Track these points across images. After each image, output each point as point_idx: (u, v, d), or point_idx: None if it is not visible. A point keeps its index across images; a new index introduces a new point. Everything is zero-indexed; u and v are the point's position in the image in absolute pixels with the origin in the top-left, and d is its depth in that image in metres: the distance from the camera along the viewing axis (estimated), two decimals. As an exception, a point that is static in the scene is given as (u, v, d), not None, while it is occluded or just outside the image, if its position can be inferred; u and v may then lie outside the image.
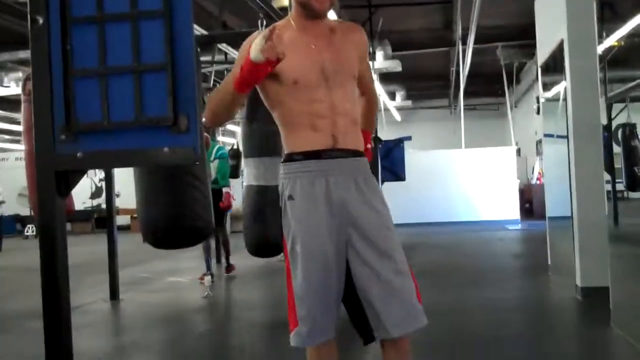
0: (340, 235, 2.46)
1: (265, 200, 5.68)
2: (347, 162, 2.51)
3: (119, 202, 9.99)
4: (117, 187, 7.78)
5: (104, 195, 8.42)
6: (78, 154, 2.37)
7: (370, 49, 12.88)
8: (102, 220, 15.82)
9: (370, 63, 13.07)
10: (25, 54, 6.44)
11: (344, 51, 2.58)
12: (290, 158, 2.53)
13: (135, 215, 14.30)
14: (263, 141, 5.69)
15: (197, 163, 2.73)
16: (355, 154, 2.55)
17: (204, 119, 2.53)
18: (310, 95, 2.47)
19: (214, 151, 8.69)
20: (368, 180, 2.56)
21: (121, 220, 15.10)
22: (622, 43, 4.96)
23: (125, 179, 8.63)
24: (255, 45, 2.21)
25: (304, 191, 2.48)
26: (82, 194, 18.48)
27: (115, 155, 2.40)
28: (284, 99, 2.51)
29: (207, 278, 7.53)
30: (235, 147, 14.53)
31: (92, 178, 19.10)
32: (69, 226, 17.01)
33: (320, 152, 2.48)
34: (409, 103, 21.41)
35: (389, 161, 13.01)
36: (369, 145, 2.78)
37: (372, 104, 2.92)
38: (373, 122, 3.04)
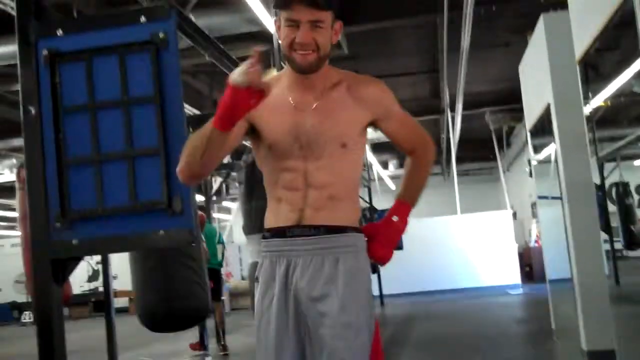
0: (299, 327, 2.17)
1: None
2: (313, 241, 2.17)
3: (116, 284, 9.90)
4: (114, 269, 7.71)
5: (101, 278, 8.35)
6: (74, 241, 2.37)
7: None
8: (100, 303, 15.65)
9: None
10: (18, 142, 6.46)
11: (337, 113, 2.22)
12: (263, 235, 2.28)
13: (133, 298, 14.20)
14: (264, 217, 5.69)
15: (193, 244, 2.73)
16: (329, 230, 2.18)
17: (178, 174, 2.14)
18: (282, 164, 2.20)
19: (217, 235, 8.83)
20: (344, 261, 2.18)
21: (119, 302, 14.93)
22: (609, 103, 5.02)
23: (122, 261, 8.56)
24: (237, 69, 1.92)
25: (265, 274, 2.23)
26: (79, 277, 18.30)
27: (111, 241, 2.39)
28: (262, 162, 2.28)
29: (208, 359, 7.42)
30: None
31: (89, 261, 18.99)
32: (66, 311, 16.82)
33: (285, 229, 2.19)
34: (402, 171, 21.46)
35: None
36: (394, 217, 2.37)
37: (417, 166, 2.46)
38: (416, 191, 2.48)
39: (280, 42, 2.19)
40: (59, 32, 2.39)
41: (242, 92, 1.90)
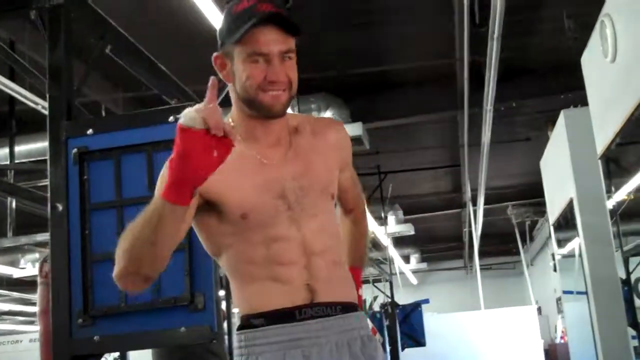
0: None
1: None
2: (334, 323, 1.71)
3: (134, 381, 9.74)
4: (133, 365, 7.63)
5: (119, 374, 8.23)
6: (95, 338, 2.36)
7: (382, 213, 13.04)
8: (117, 400, 15.35)
9: (383, 228, 13.21)
10: (42, 236, 6.51)
11: (314, 160, 1.80)
12: (248, 323, 1.70)
13: (151, 394, 13.93)
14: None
15: (215, 340, 2.71)
16: (347, 308, 1.75)
17: (117, 280, 1.69)
18: (268, 233, 1.70)
19: None
20: (367, 344, 1.77)
21: (136, 399, 14.66)
22: (632, 197, 5.01)
23: (141, 357, 8.48)
24: (187, 109, 1.45)
25: None
26: (97, 374, 18.08)
27: (132, 338, 2.39)
28: (229, 241, 1.73)
29: None
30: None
31: (107, 357, 18.78)
32: (83, 408, 16.52)
33: (293, 311, 1.68)
34: (424, 265, 21.33)
35: (408, 326, 12.76)
36: (360, 291, 2.02)
37: (359, 225, 2.10)
38: (363, 253, 2.13)
39: (228, 79, 1.77)
40: (89, 131, 2.45)
41: (198, 139, 1.40)
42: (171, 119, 2.39)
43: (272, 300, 1.68)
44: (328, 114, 8.23)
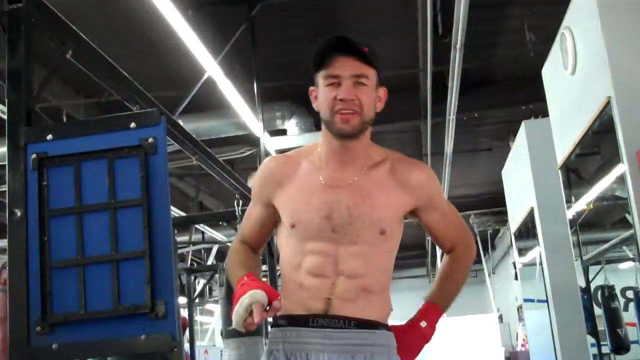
0: None
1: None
2: (343, 335, 1.88)
3: (94, 391, 9.59)
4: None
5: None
6: (53, 346, 2.32)
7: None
8: (76, 410, 15.13)
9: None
10: (2, 243, 6.42)
11: (377, 194, 1.97)
12: (275, 322, 1.98)
13: (111, 404, 13.72)
14: (243, 321, 5.61)
15: (175, 349, 2.68)
16: (361, 324, 1.90)
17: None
18: (307, 245, 1.94)
19: None
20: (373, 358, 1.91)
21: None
22: (592, 207, 5.08)
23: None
24: (237, 313, 1.75)
25: None
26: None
27: (92, 346, 2.35)
28: (282, 242, 2.04)
29: None
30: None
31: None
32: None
33: (307, 318, 1.90)
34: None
35: (371, 334, 12.79)
36: (422, 323, 2.07)
37: (455, 265, 2.19)
38: (450, 294, 2.21)
39: (318, 107, 2.01)
40: (49, 137, 2.42)
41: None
42: (133, 125, 2.37)
43: (294, 305, 1.92)
44: (292, 122, 8.23)
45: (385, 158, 2.04)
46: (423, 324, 2.07)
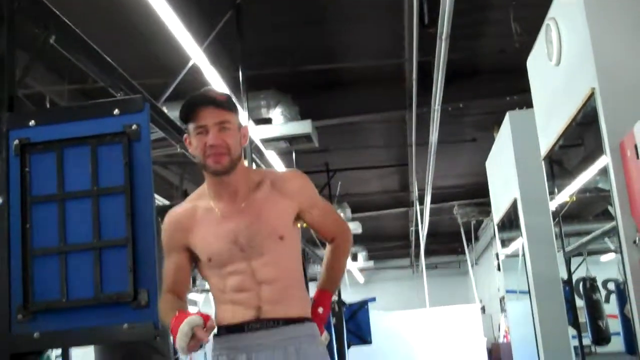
0: None
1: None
2: (274, 333, 2.24)
3: (76, 379, 9.57)
4: (75, 362, 7.50)
5: (60, 372, 8.08)
6: (35, 334, 2.31)
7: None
8: (58, 398, 15.08)
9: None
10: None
11: (266, 210, 2.32)
12: (218, 333, 2.29)
13: (93, 392, 13.68)
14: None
15: (158, 337, 2.68)
16: (288, 321, 2.27)
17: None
18: (227, 270, 2.28)
19: None
20: (303, 349, 2.27)
21: (78, 397, 14.41)
22: (574, 198, 5.10)
23: (83, 354, 8.35)
24: (179, 340, 2.02)
25: None
26: (38, 371, 17.71)
27: (73, 334, 2.34)
28: (206, 274, 2.36)
29: None
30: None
31: (49, 354, 18.40)
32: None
33: (243, 325, 2.24)
34: (371, 264, 21.46)
35: (354, 324, 12.83)
36: (320, 309, 2.44)
37: (337, 254, 2.54)
38: (336, 279, 2.58)
39: (194, 152, 2.27)
40: (31, 123, 2.40)
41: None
42: (116, 111, 2.36)
43: (230, 317, 2.25)
44: (277, 110, 8.20)
45: (263, 178, 2.38)
46: (320, 310, 2.44)
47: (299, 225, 2.43)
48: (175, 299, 2.31)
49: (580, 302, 5.32)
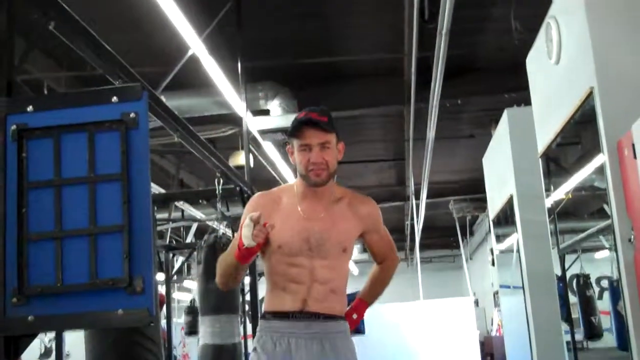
0: None
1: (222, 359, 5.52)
2: (314, 325, 2.61)
3: (69, 364, 9.59)
4: (68, 346, 7.51)
5: (53, 355, 8.09)
6: (29, 318, 2.31)
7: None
8: (51, 384, 15.13)
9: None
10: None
11: (339, 223, 2.73)
12: (264, 315, 2.69)
13: (86, 379, 13.74)
14: (220, 299, 5.62)
15: (152, 324, 2.69)
16: (327, 317, 2.65)
17: (218, 285, 2.82)
18: (291, 260, 2.64)
19: None
20: (336, 343, 2.65)
21: (71, 383, 14.44)
22: (570, 196, 5.12)
23: (76, 338, 8.36)
24: (245, 232, 2.40)
25: (266, 348, 2.63)
26: (31, 354, 17.72)
27: (68, 319, 2.34)
28: (269, 257, 2.70)
29: None
30: (192, 303, 14.26)
31: (42, 338, 18.40)
32: (15, 392, 16.15)
33: (288, 313, 2.62)
34: (365, 256, 21.46)
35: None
36: (354, 315, 2.91)
37: (383, 274, 3.01)
38: (376, 294, 3.08)
39: (294, 162, 2.71)
40: (29, 108, 2.39)
41: (252, 251, 2.48)
42: (115, 99, 2.36)
43: (278, 304, 2.64)
44: (275, 102, 8.21)
45: (344, 195, 2.81)
46: (355, 316, 2.91)
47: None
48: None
49: (573, 298, 5.35)
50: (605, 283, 5.37)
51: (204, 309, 5.75)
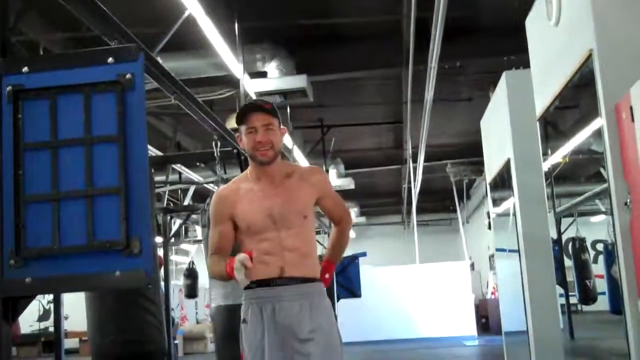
0: (287, 351, 2.92)
1: (236, 319, 5.55)
2: (292, 288, 2.94)
3: (67, 325, 9.67)
4: (66, 309, 7.55)
5: (52, 317, 8.14)
6: (27, 280, 2.32)
7: (324, 167, 13.08)
8: (49, 343, 15.27)
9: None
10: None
11: (295, 194, 3.04)
12: (248, 286, 2.93)
13: (84, 338, 13.81)
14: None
15: (150, 286, 2.70)
16: (304, 280, 2.98)
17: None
18: (260, 236, 2.97)
19: None
20: (315, 302, 2.99)
21: (69, 343, 14.58)
22: (567, 160, 5.12)
23: (74, 301, 8.41)
24: (238, 276, 2.72)
25: (254, 316, 2.98)
26: (29, 317, 17.85)
27: (65, 280, 2.35)
28: (242, 238, 3.04)
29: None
30: (190, 266, 14.33)
31: (40, 300, 18.54)
32: (14, 350, 16.33)
33: (269, 280, 2.94)
34: (362, 220, 21.57)
35: (344, 278, 12.94)
36: (326, 275, 3.22)
37: (342, 234, 3.36)
38: (339, 253, 3.43)
39: (243, 147, 3.04)
40: (25, 69, 2.38)
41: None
42: (110, 60, 2.34)
43: (259, 274, 2.90)
44: (273, 64, 8.15)
45: (294, 170, 3.14)
46: (327, 275, 3.23)
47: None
48: (222, 256, 3.00)
49: (568, 262, 5.38)
50: (600, 247, 5.40)
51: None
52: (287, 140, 10.88)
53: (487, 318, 17.29)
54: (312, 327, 2.93)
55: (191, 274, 13.85)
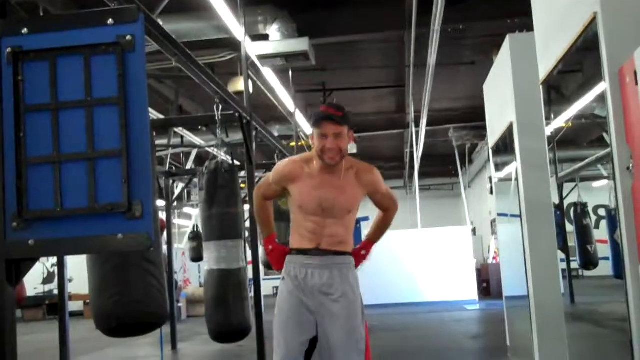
0: (312, 308, 3.51)
1: (227, 284, 5.57)
2: (326, 258, 3.54)
3: (71, 288, 9.72)
4: (70, 272, 7.60)
5: (56, 280, 8.20)
6: (30, 242, 2.33)
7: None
8: (54, 306, 15.40)
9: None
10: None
11: (347, 190, 3.59)
12: (290, 252, 3.65)
13: (88, 301, 13.92)
14: (224, 224, 5.64)
15: (152, 248, 2.70)
16: (336, 253, 3.57)
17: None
18: (308, 217, 3.56)
19: None
20: (342, 271, 3.58)
21: (74, 306, 14.70)
22: (570, 124, 5.09)
23: (78, 264, 8.44)
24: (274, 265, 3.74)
25: (291, 275, 3.59)
26: (34, 280, 17.99)
27: (67, 243, 2.36)
28: (294, 211, 3.65)
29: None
30: (195, 229, 14.37)
31: (44, 263, 18.66)
32: (19, 313, 16.47)
33: (307, 250, 3.56)
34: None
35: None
36: (363, 252, 3.86)
37: (386, 220, 3.91)
38: (380, 235, 3.98)
39: (314, 145, 3.53)
40: (24, 31, 2.35)
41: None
42: (110, 21, 2.32)
43: (300, 244, 3.61)
44: (274, 27, 8.09)
45: (352, 165, 3.65)
46: (363, 252, 3.87)
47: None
48: (268, 208, 3.85)
49: (570, 227, 5.38)
50: (602, 212, 5.40)
51: (208, 234, 5.78)
52: (290, 104, 10.84)
53: (488, 283, 17.40)
54: (340, 293, 3.50)
55: (196, 237, 13.89)
